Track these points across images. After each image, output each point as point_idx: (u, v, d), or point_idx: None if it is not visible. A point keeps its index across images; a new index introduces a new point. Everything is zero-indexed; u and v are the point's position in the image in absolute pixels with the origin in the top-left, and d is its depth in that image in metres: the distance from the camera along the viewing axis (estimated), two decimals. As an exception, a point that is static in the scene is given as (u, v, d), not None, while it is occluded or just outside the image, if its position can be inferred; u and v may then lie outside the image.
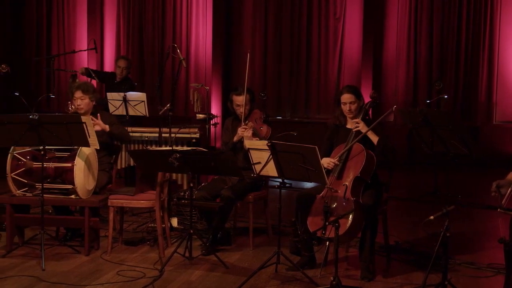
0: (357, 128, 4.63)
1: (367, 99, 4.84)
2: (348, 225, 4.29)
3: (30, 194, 5.05)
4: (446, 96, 9.04)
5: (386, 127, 9.12)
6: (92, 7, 11.41)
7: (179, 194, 6.47)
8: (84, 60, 11.27)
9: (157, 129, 6.43)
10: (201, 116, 7.44)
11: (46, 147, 4.81)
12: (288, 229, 5.29)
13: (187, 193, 6.13)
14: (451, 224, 3.86)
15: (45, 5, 11.80)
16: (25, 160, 4.99)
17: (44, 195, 4.82)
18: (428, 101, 9.33)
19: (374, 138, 4.62)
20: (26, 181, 5.01)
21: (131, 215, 6.33)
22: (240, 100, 5.38)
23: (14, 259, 4.85)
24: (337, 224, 4.03)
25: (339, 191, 4.47)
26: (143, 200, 5.10)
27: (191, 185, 4.94)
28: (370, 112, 5.03)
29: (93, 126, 5.21)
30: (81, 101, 5.42)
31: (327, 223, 4.22)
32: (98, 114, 5.48)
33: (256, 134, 5.23)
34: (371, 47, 10.27)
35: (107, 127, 5.40)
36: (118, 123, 5.65)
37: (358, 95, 4.77)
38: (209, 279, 4.50)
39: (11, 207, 5.02)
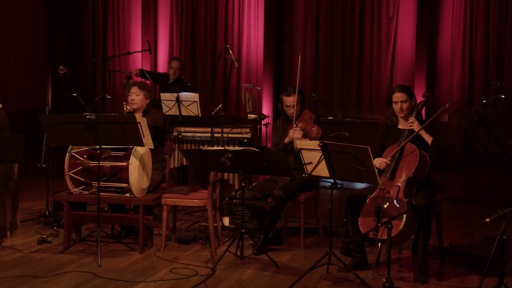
0: (411, 127, 4.57)
1: (420, 99, 4.77)
2: (401, 226, 4.24)
3: (87, 192, 5.18)
4: (503, 96, 8.79)
5: (440, 127, 8.95)
6: (146, 9, 11.61)
7: (230, 194, 6.51)
8: (138, 61, 11.49)
9: (209, 129, 6.50)
10: (252, 116, 7.46)
11: (102, 146, 4.93)
12: (340, 230, 5.27)
13: (238, 192, 6.18)
14: (508, 227, 3.77)
15: (101, 8, 12.09)
16: (82, 159, 5.13)
17: (100, 193, 4.93)
18: (484, 101, 9.10)
19: (428, 138, 4.56)
20: (83, 180, 5.15)
21: (184, 213, 6.43)
22: (290, 101, 5.38)
23: (72, 255, 4.99)
24: (389, 225, 4.00)
25: (391, 192, 4.43)
26: (196, 199, 5.16)
27: (243, 184, 4.97)
28: (424, 112, 4.95)
29: None
30: (135, 96, 5.57)
31: (379, 224, 4.19)
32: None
33: (306, 135, 5.23)
34: (425, 46, 10.10)
35: (142, 117, 5.40)
36: (161, 119, 5.71)
37: (410, 94, 4.71)
38: (260, 278, 4.52)
39: (68, 205, 5.17)
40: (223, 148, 5.09)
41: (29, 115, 6.19)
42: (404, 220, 4.24)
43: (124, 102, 6.06)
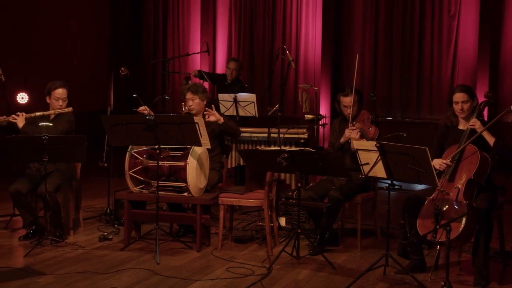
0: (473, 127, 4.46)
1: (482, 99, 4.66)
2: (460, 229, 4.16)
3: (146, 191, 5.29)
4: None
5: (503, 128, 8.68)
6: (205, 11, 11.75)
7: (287, 194, 6.52)
8: (197, 62, 11.63)
9: (266, 129, 6.53)
10: (309, 116, 7.45)
11: (161, 146, 5.02)
12: (397, 232, 5.19)
13: (295, 193, 6.18)
14: None
15: (161, 10, 12.31)
16: (142, 158, 5.24)
17: (159, 192, 5.03)
18: (550, 101, 8.79)
19: (491, 139, 4.44)
20: (142, 179, 5.26)
21: (241, 213, 6.48)
22: (347, 101, 5.36)
23: (131, 252, 5.11)
24: (448, 228, 3.92)
25: (450, 194, 4.34)
26: (252, 199, 5.20)
27: (299, 185, 4.98)
28: (486, 112, 4.83)
29: (209, 117, 5.39)
30: (192, 102, 5.63)
31: (438, 227, 4.11)
32: (213, 105, 5.60)
33: (363, 135, 5.18)
34: (488, 44, 9.80)
35: (221, 119, 5.48)
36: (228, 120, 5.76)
37: (471, 95, 4.60)
38: (316, 279, 4.52)
39: (129, 203, 5.29)
40: (279, 148, 5.10)
41: (92, 115, 6.36)
42: (463, 222, 4.16)
43: (183, 103, 6.16)
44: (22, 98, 8.47)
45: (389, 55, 10.61)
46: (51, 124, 5.41)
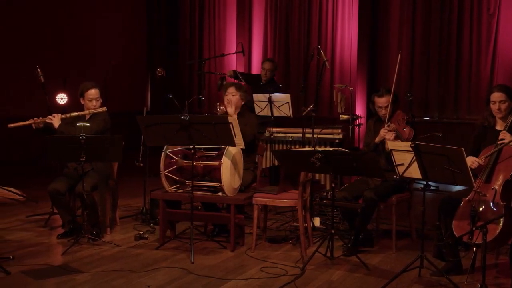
0: (502, 142, 4.35)
1: (520, 99, 4.57)
2: (497, 231, 4.09)
3: (181, 191, 5.34)
4: None
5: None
6: (241, 12, 11.79)
7: (321, 194, 6.50)
8: (232, 63, 11.68)
9: (300, 130, 6.52)
10: (344, 117, 7.41)
11: (196, 146, 5.06)
12: (432, 233, 5.13)
13: (329, 193, 6.15)
14: None
15: (198, 12, 12.40)
16: (177, 158, 5.29)
17: (194, 192, 5.07)
18: None
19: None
20: (177, 178, 5.31)
21: (275, 213, 6.48)
22: (381, 101, 5.32)
23: (166, 251, 5.17)
24: (485, 230, 3.86)
25: (487, 195, 4.27)
26: (286, 199, 5.20)
27: (333, 185, 4.96)
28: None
29: (229, 101, 5.56)
30: (232, 97, 5.68)
31: (474, 228, 4.05)
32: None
33: (398, 136, 5.14)
34: (529, 43, 9.60)
35: (233, 117, 5.47)
36: (254, 125, 5.76)
37: (509, 95, 4.52)
38: (350, 279, 4.49)
39: (164, 203, 5.35)
40: (313, 148, 5.09)
41: (130, 115, 6.45)
42: (501, 224, 4.09)
43: (218, 103, 6.19)
44: (62, 98, 8.61)
45: (426, 54, 10.47)
46: (88, 124, 5.51)
